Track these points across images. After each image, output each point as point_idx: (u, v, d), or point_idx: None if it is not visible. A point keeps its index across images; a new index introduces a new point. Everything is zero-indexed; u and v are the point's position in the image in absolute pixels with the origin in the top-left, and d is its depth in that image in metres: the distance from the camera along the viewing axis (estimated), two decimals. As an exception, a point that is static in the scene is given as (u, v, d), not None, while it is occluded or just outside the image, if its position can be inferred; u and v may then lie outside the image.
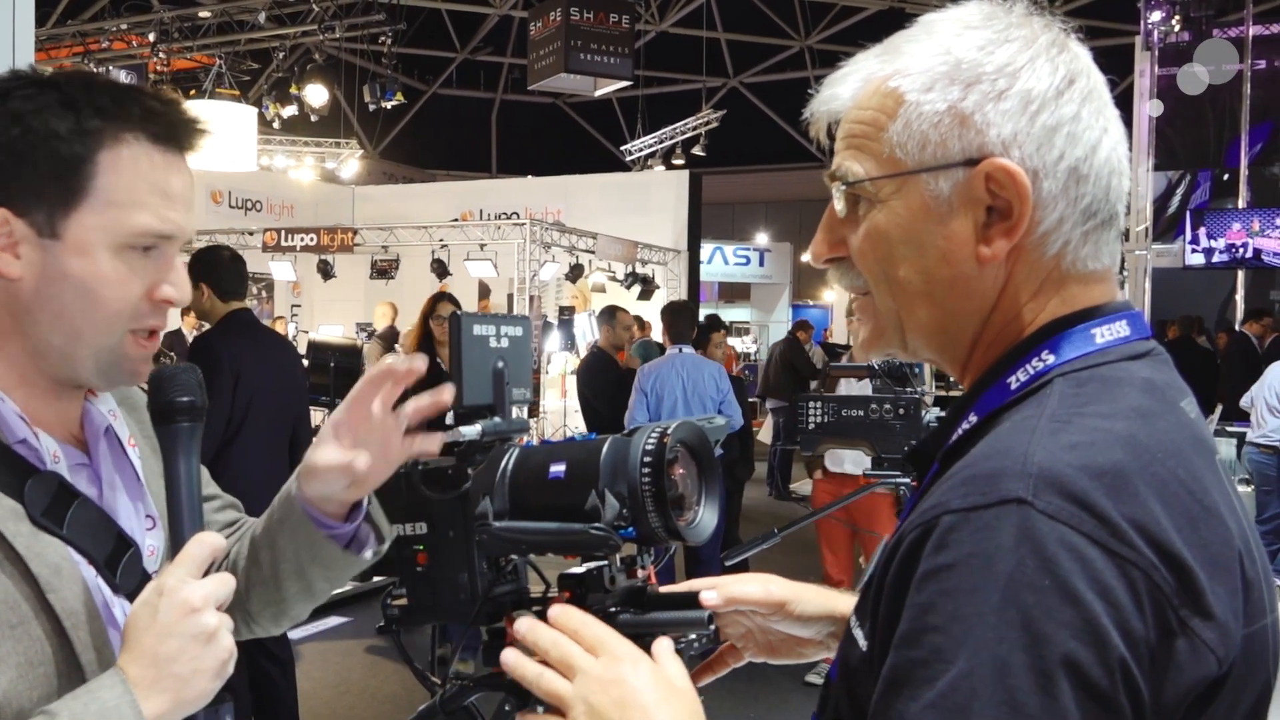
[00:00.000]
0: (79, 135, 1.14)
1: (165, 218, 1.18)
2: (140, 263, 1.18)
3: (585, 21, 14.03)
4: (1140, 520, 0.76)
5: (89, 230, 1.15)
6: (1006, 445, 0.81)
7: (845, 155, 0.96)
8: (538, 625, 1.00)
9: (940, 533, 0.78)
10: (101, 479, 1.24)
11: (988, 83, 0.89)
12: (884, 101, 0.93)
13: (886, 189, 0.93)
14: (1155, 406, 0.85)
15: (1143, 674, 0.74)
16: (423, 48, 24.81)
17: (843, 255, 0.99)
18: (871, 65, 0.96)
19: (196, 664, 1.06)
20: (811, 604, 1.19)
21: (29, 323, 1.17)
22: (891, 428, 2.69)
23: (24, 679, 1.08)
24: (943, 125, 0.90)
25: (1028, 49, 0.90)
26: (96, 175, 1.15)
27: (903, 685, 0.76)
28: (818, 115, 0.99)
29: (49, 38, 17.50)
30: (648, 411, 6.26)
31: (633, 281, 13.99)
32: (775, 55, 25.27)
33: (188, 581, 1.08)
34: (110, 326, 1.18)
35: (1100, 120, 0.91)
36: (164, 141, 1.19)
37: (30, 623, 1.09)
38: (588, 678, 0.94)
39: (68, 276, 1.15)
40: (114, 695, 1.03)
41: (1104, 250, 0.93)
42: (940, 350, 0.98)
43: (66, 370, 1.20)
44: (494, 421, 1.15)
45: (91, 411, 1.27)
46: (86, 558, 1.17)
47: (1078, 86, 0.90)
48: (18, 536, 1.10)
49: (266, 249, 13.43)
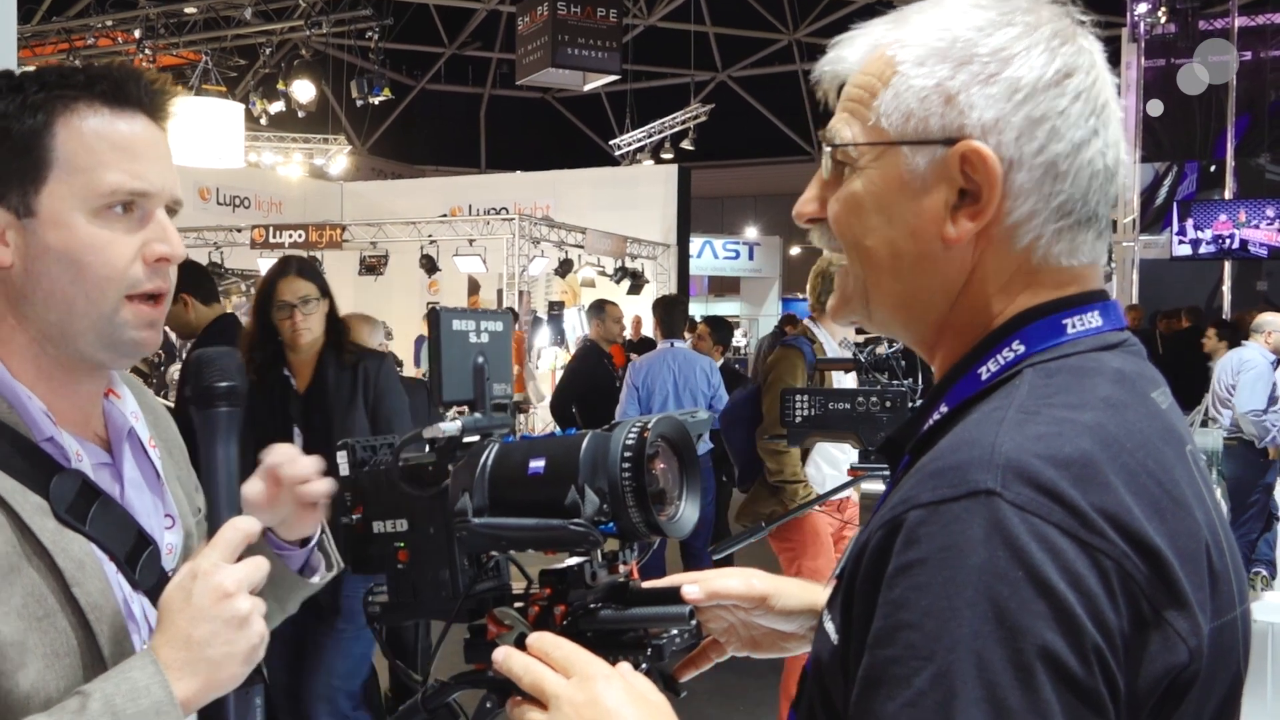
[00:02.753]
0: (28, 110, 1.15)
1: (134, 173, 1.17)
2: (122, 223, 1.17)
3: (573, 16, 14.01)
4: (1110, 510, 0.76)
5: (60, 200, 1.15)
6: (974, 437, 0.81)
7: (840, 118, 0.95)
8: (511, 653, 0.99)
9: (910, 527, 0.77)
10: (124, 478, 1.25)
11: (979, 64, 0.88)
12: (882, 69, 0.92)
13: (867, 156, 0.93)
14: (1125, 397, 0.85)
15: (1117, 663, 0.74)
16: (410, 43, 24.75)
17: (824, 216, 0.98)
18: (879, 31, 0.95)
19: (229, 648, 1.07)
20: (793, 598, 1.19)
21: (27, 307, 1.17)
22: (878, 420, 2.69)
23: (51, 669, 1.09)
24: (928, 101, 0.89)
25: (1027, 36, 0.89)
26: (55, 145, 1.15)
27: (880, 684, 0.76)
28: (824, 75, 0.99)
29: (34, 35, 17.40)
30: (638, 405, 6.25)
31: (622, 276, 13.99)
32: (763, 49, 25.28)
33: (221, 566, 1.09)
34: (102, 293, 1.17)
35: (1092, 120, 0.89)
36: (116, 100, 1.19)
37: (57, 615, 1.11)
38: (560, 702, 0.93)
39: (50, 250, 1.15)
40: (145, 675, 1.04)
41: (1082, 249, 0.91)
42: (904, 326, 0.98)
43: (71, 350, 1.19)
44: (474, 417, 1.14)
45: (114, 413, 1.28)
46: (108, 554, 1.18)
47: (1073, 81, 0.88)
48: (44, 531, 1.12)
49: (254, 246, 13.40)
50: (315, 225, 13.64)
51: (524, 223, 12.74)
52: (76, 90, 1.17)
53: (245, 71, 20.15)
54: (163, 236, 1.20)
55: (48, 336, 1.18)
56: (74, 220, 1.15)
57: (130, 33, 17.37)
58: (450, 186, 19.14)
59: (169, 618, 1.08)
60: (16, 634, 1.07)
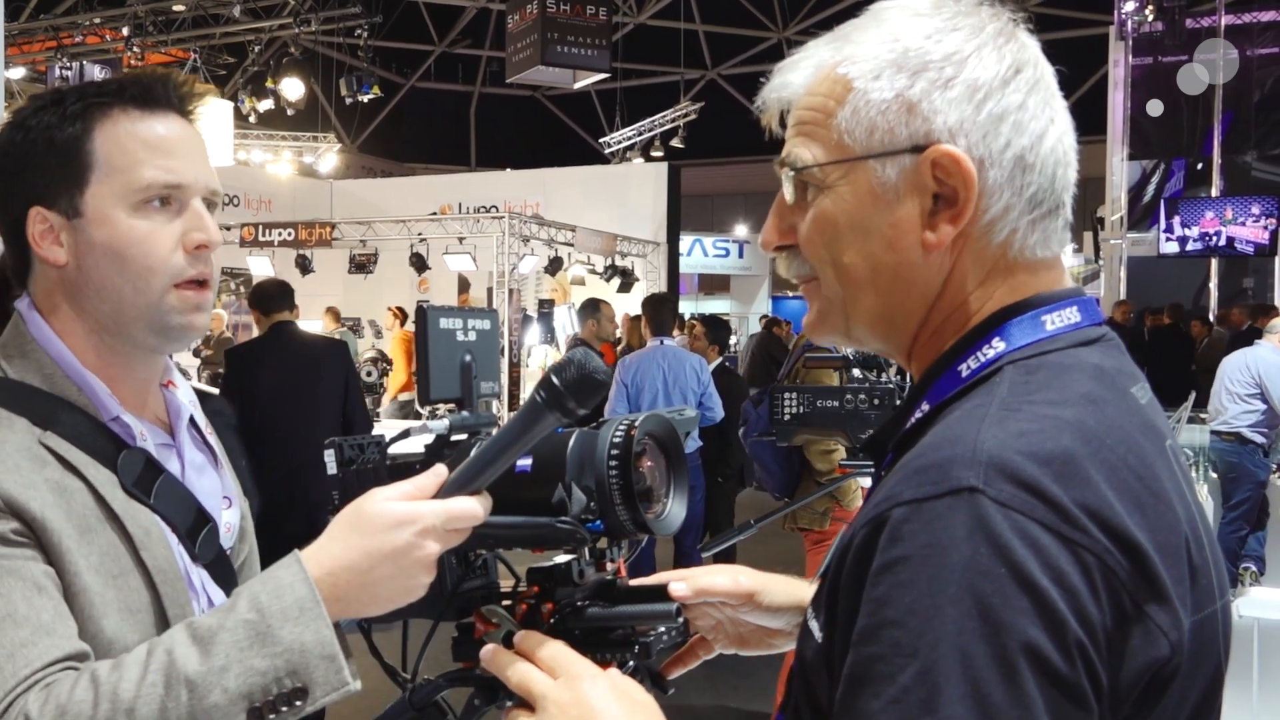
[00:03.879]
0: (68, 119, 1.25)
1: (169, 168, 1.26)
2: (161, 216, 1.26)
3: (562, 14, 13.99)
4: (1092, 505, 0.76)
5: (102, 199, 1.25)
6: (957, 434, 0.81)
7: (795, 142, 0.96)
8: (499, 652, 1.01)
9: (893, 525, 0.78)
10: (184, 458, 1.35)
11: (935, 70, 0.89)
12: (833, 88, 0.93)
13: (834, 175, 0.93)
14: (1105, 393, 0.85)
15: (1100, 658, 0.74)
16: (400, 40, 24.70)
17: (792, 242, 0.99)
18: (823, 53, 0.96)
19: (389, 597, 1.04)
20: (780, 595, 1.19)
21: (83, 300, 1.27)
22: (866, 417, 2.69)
23: (126, 623, 1.18)
24: (890, 112, 0.90)
25: (974, 37, 0.91)
26: (95, 149, 1.25)
27: (864, 682, 0.76)
28: (769, 102, 1.00)
29: (21, 32, 17.31)
30: (627, 403, 6.23)
31: (612, 274, 13.98)
32: (753, 47, 25.28)
33: (436, 529, 1.02)
34: (147, 282, 1.25)
35: (1047, 110, 0.91)
36: (146, 102, 1.28)
37: (130, 574, 1.20)
38: (547, 702, 0.94)
39: (96, 245, 1.25)
40: (290, 574, 1.04)
41: (1052, 238, 0.93)
42: (885, 339, 0.98)
43: (125, 337, 1.28)
44: (462, 415, 1.14)
45: (173, 399, 1.39)
46: (171, 526, 1.27)
47: (1024, 76, 0.91)
48: (114, 500, 1.21)
49: (244, 244, 13.35)
50: (305, 223, 13.60)
51: (514, 221, 12.72)
52: (110, 97, 1.27)
53: (234, 69, 20.10)
54: (199, 225, 1.28)
55: (103, 326, 1.28)
56: (116, 216, 1.25)
57: (118, 30, 17.30)
58: (440, 184, 19.11)
59: (361, 534, 1.04)
60: (99, 585, 1.17)
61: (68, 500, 1.18)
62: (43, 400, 1.23)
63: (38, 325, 1.27)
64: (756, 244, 16.86)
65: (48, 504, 1.15)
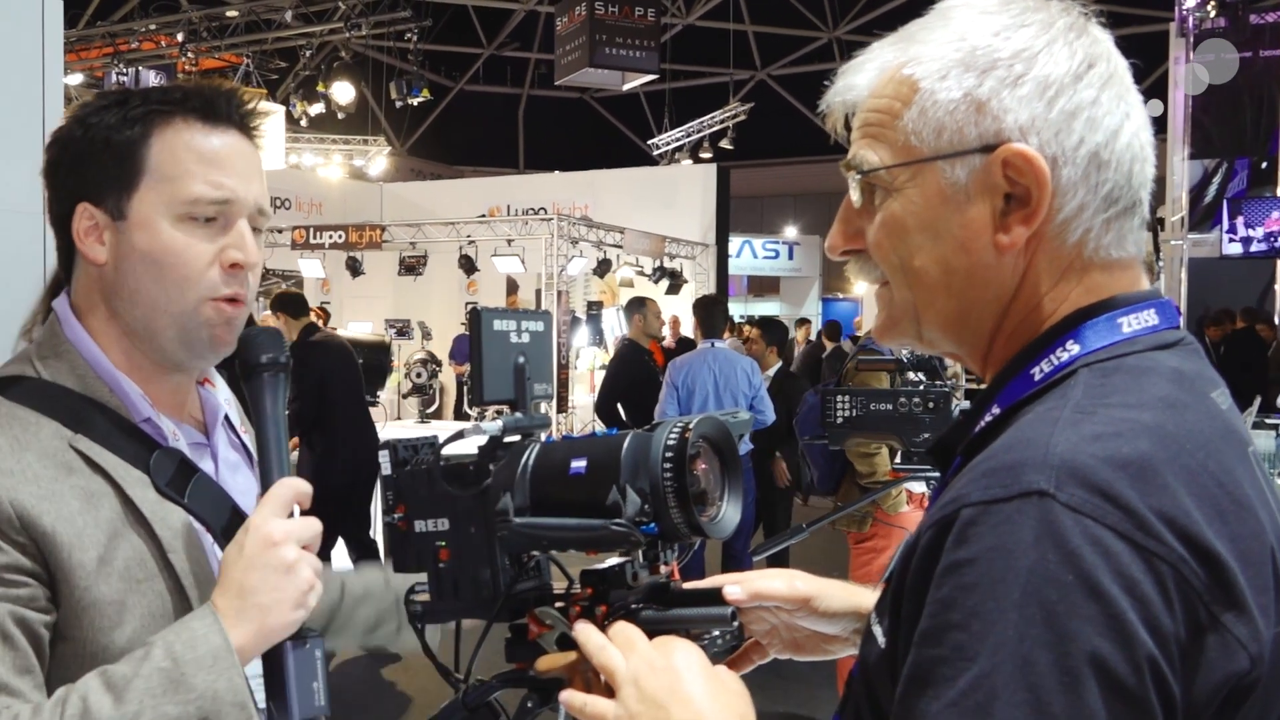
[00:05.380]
0: (128, 123, 1.26)
1: (218, 184, 1.27)
2: (204, 232, 1.27)
3: (611, 16, 14.02)
4: (1168, 512, 0.74)
5: (149, 206, 1.26)
6: (1028, 437, 0.80)
7: (861, 144, 0.95)
8: (590, 629, 1.03)
9: (960, 526, 0.76)
10: (219, 457, 1.37)
11: (1004, 68, 0.88)
12: (899, 89, 0.92)
13: (902, 177, 0.92)
14: (1184, 397, 0.83)
15: (1173, 672, 0.72)
16: (449, 44, 24.91)
17: (860, 247, 0.98)
18: (887, 54, 0.95)
19: (277, 594, 1.15)
20: (836, 600, 1.17)
21: (118, 303, 1.28)
22: (921, 421, 2.65)
23: (146, 629, 1.19)
24: (959, 112, 0.89)
25: (1044, 33, 0.89)
26: (149, 155, 1.26)
27: (924, 684, 0.75)
28: (834, 106, 0.98)
29: (79, 39, 17.70)
30: (678, 405, 6.22)
31: (660, 276, 13.97)
32: (803, 47, 25.17)
33: (270, 519, 1.17)
34: (182, 294, 1.27)
35: (1122, 105, 0.89)
36: (207, 116, 1.29)
37: (155, 579, 1.22)
38: (639, 658, 0.96)
39: (136, 250, 1.26)
40: (203, 624, 1.13)
41: (1128, 238, 0.91)
42: (958, 342, 0.97)
43: (155, 347, 1.29)
44: (515, 417, 1.14)
45: (209, 398, 1.40)
46: (205, 526, 1.28)
47: (1097, 71, 0.89)
48: (144, 502, 1.22)
49: (295, 246, 13.53)
50: (355, 226, 13.74)
51: (562, 223, 12.75)
52: (173, 106, 1.28)
53: (286, 74, 20.38)
54: (239, 245, 1.29)
55: (135, 332, 1.29)
56: (159, 225, 1.26)
57: (173, 36, 17.63)
58: (489, 187, 19.22)
59: (225, 571, 1.17)
60: (116, 594, 1.18)
61: (95, 507, 1.19)
62: (75, 401, 1.25)
63: (72, 326, 1.29)
64: (806, 245, 16.67)
65: (66, 515, 1.16)
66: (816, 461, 4.48)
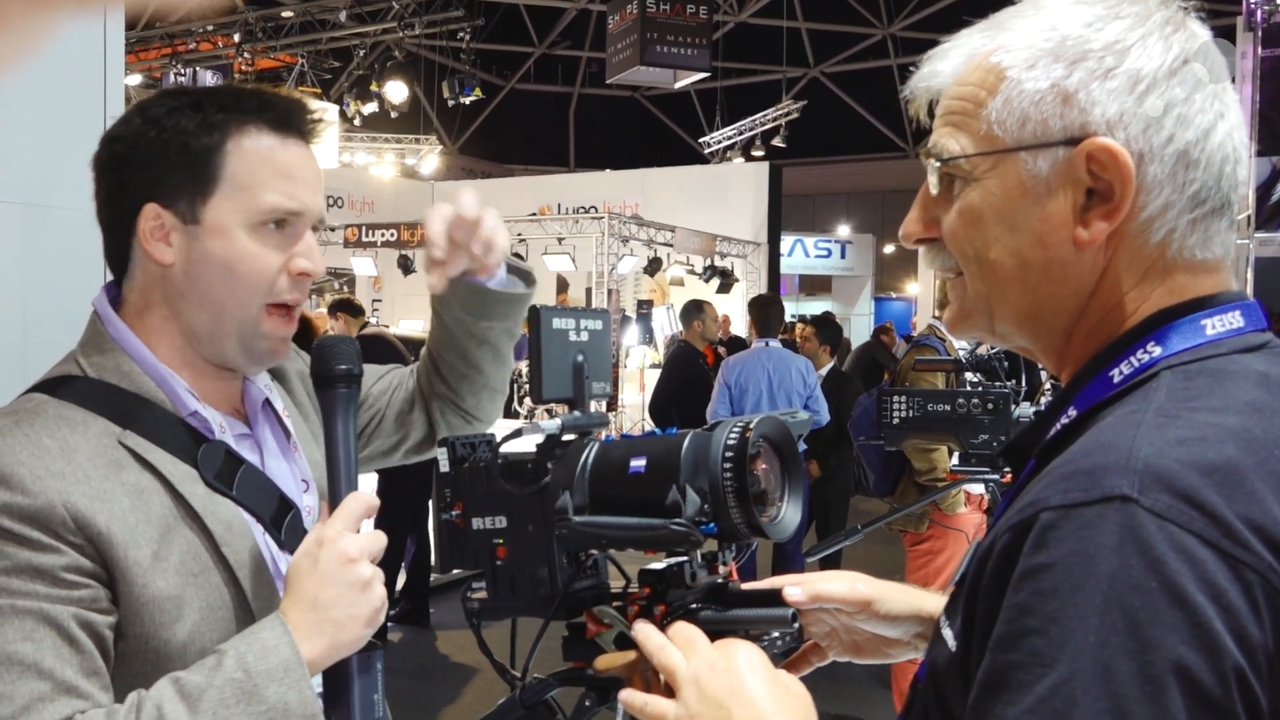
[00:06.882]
0: (206, 129, 1.27)
1: (291, 195, 1.30)
2: (274, 239, 1.30)
3: (662, 14, 14.00)
4: (1256, 520, 0.72)
5: (224, 213, 1.27)
6: (1110, 440, 0.78)
7: (943, 132, 0.93)
8: (650, 629, 1.02)
9: (1039, 530, 0.75)
10: (262, 447, 1.38)
11: (1094, 60, 0.86)
12: (985, 77, 0.90)
13: (982, 167, 0.90)
14: (1272, 401, 0.80)
15: (1260, 683, 0.70)
16: (501, 43, 25.07)
17: (935, 236, 0.96)
18: (975, 41, 0.93)
19: (352, 610, 1.16)
20: (898, 603, 1.16)
21: (181, 304, 1.29)
22: (980, 422, 2.61)
23: (205, 622, 1.21)
24: (1044, 103, 0.87)
25: (1139, 26, 0.86)
26: (225, 163, 1.27)
27: (1000, 689, 0.73)
28: (918, 92, 0.97)
29: (138, 40, 18.06)
30: (730, 405, 6.19)
31: (711, 275, 13.93)
32: (857, 44, 24.98)
33: (345, 534, 1.18)
34: (249, 300, 1.29)
35: (1216, 104, 0.87)
36: (282, 127, 1.32)
37: (210, 572, 1.23)
38: (700, 658, 0.95)
39: (210, 256, 1.28)
40: (274, 636, 1.13)
41: (1215, 239, 0.88)
42: (1032, 337, 0.95)
43: (215, 350, 1.31)
44: (574, 415, 1.14)
45: (250, 387, 1.40)
46: (255, 517, 1.29)
47: (1192, 67, 0.86)
48: (194, 496, 1.24)
49: (348, 245, 13.68)
50: (407, 224, 13.86)
51: (613, 221, 12.77)
52: (248, 115, 1.30)
53: (339, 73, 20.62)
54: (308, 253, 1.33)
55: (195, 335, 1.31)
56: (234, 232, 1.28)
57: (230, 36, 17.92)
58: (539, 185, 19.32)
59: (297, 582, 1.17)
60: (174, 589, 1.19)
61: (146, 504, 1.20)
62: (122, 398, 1.25)
63: (114, 323, 1.30)
64: (859, 244, 16.53)
65: (118, 513, 1.17)
66: (872, 463, 4.45)
